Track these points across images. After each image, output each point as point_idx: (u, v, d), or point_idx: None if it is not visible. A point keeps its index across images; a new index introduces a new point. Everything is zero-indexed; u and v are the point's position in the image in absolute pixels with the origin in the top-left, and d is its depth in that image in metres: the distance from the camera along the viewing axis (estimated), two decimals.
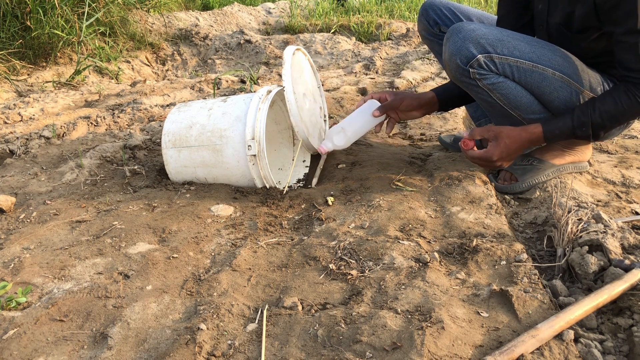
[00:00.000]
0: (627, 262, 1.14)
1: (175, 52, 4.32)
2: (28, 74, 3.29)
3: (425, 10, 1.92)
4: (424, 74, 3.35)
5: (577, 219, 1.35)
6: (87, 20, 3.43)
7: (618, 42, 1.46)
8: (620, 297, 1.08)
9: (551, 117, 1.57)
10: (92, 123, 2.40)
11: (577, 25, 1.54)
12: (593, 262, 1.21)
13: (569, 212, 1.38)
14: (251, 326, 1.04)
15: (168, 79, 3.67)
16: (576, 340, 1.00)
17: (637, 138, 2.13)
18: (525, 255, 1.23)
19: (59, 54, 3.49)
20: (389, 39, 4.63)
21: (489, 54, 1.52)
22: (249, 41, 4.40)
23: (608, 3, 1.42)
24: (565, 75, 1.56)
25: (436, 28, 1.90)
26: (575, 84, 1.56)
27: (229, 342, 0.99)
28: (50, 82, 3.23)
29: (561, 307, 1.11)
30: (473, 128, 1.61)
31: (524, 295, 1.07)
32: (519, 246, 1.29)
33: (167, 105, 2.72)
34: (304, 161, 2.04)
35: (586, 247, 1.26)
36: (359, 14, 5.38)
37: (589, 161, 1.81)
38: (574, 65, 1.58)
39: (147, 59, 4.09)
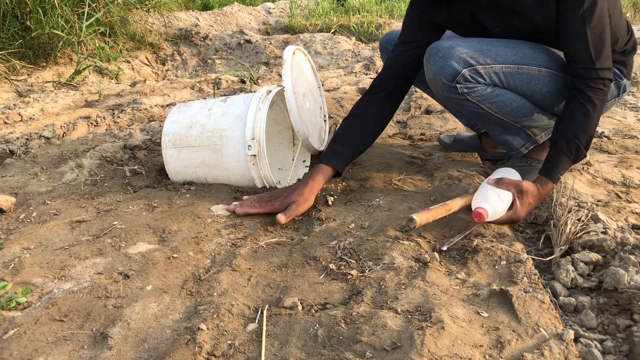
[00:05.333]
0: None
1: (175, 52, 4.32)
2: (28, 74, 3.29)
3: (384, 47, 1.89)
4: None
5: (577, 219, 1.35)
6: (87, 20, 3.43)
7: (565, 33, 1.43)
8: (620, 297, 1.08)
9: (547, 166, 1.48)
10: (92, 123, 2.40)
11: (547, 30, 1.52)
12: (592, 261, 1.22)
13: (569, 212, 1.38)
14: (251, 326, 1.04)
15: (168, 79, 3.67)
16: (576, 340, 1.00)
17: (637, 138, 2.13)
18: (525, 255, 1.23)
19: (59, 54, 3.49)
20: None
21: (473, 66, 1.48)
22: (249, 41, 4.40)
23: None
24: (551, 69, 1.55)
25: None
26: (562, 75, 1.55)
27: (229, 342, 0.99)
28: (50, 82, 3.23)
29: (561, 307, 1.11)
30: (497, 179, 1.45)
31: (524, 295, 1.07)
32: (519, 246, 1.29)
33: (167, 105, 2.72)
34: (304, 161, 2.04)
35: (586, 247, 1.26)
36: (359, 14, 5.38)
37: (589, 161, 1.81)
38: (556, 57, 1.57)
39: (147, 59, 4.09)
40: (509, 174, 1.49)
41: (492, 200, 1.35)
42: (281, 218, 1.47)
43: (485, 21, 1.58)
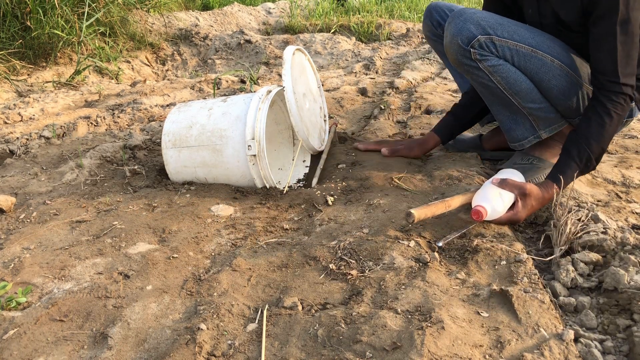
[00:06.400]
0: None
1: (175, 52, 4.32)
2: (28, 74, 3.28)
3: (429, 12, 1.95)
4: (424, 74, 3.35)
5: (577, 219, 1.35)
6: (87, 20, 3.43)
7: (594, 40, 1.45)
8: (620, 297, 1.08)
9: (555, 170, 1.47)
10: (92, 123, 2.40)
11: (572, 26, 1.55)
12: (592, 261, 1.22)
13: (569, 212, 1.38)
14: (251, 326, 1.04)
15: (168, 79, 3.67)
16: (576, 340, 1.00)
17: (637, 138, 2.13)
18: (525, 255, 1.23)
19: (59, 54, 3.49)
20: (389, 39, 4.63)
21: (489, 35, 1.53)
22: (249, 41, 4.40)
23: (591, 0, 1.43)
24: (565, 64, 1.56)
25: (440, 29, 1.92)
26: (574, 74, 1.57)
27: (229, 342, 1.00)
28: (50, 82, 3.22)
29: (561, 307, 1.11)
30: (501, 180, 1.42)
31: (524, 295, 1.07)
32: (519, 246, 1.29)
33: (167, 105, 2.72)
34: (304, 161, 2.04)
35: (586, 247, 1.26)
36: (359, 14, 5.38)
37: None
38: (572, 57, 1.58)
39: (147, 59, 4.09)
40: (514, 175, 1.49)
41: (493, 200, 1.35)
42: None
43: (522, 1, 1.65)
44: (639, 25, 1.43)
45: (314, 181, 1.83)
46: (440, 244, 1.29)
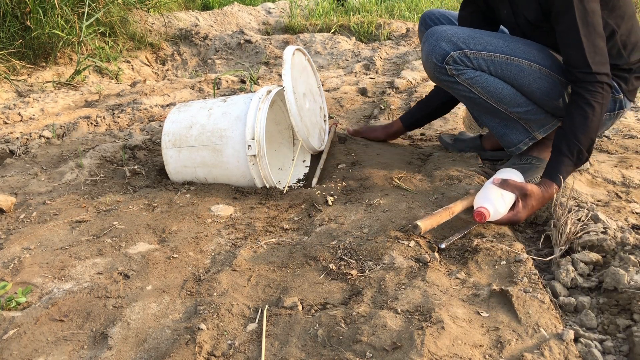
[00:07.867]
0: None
1: (175, 52, 4.32)
2: (28, 74, 3.28)
3: (423, 19, 1.97)
4: (424, 74, 3.34)
5: (577, 219, 1.35)
6: (87, 20, 3.43)
7: (560, 37, 1.48)
8: (620, 297, 1.08)
9: (550, 169, 1.47)
10: (92, 123, 2.40)
11: (541, 25, 1.58)
12: (592, 261, 1.22)
13: (568, 212, 1.38)
14: (251, 326, 1.04)
15: (168, 79, 3.67)
16: (576, 340, 1.00)
17: (637, 138, 2.13)
18: (525, 255, 1.23)
19: (59, 54, 3.49)
20: (389, 39, 4.63)
21: (462, 50, 1.55)
22: (249, 41, 4.40)
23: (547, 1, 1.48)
24: (543, 66, 1.58)
25: None
26: (554, 74, 1.58)
27: (229, 342, 1.00)
28: (50, 82, 3.22)
29: (561, 307, 1.11)
30: (502, 180, 1.41)
31: (524, 295, 1.07)
32: (519, 246, 1.29)
33: (167, 105, 2.72)
34: (304, 161, 2.04)
35: (586, 247, 1.26)
36: (359, 14, 5.37)
37: (588, 160, 1.81)
38: (551, 58, 1.60)
39: (147, 59, 4.09)
40: (514, 175, 1.49)
41: (495, 201, 1.35)
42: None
43: (495, 2, 1.68)
44: (599, 14, 1.45)
45: (314, 181, 1.83)
46: (442, 246, 1.30)
